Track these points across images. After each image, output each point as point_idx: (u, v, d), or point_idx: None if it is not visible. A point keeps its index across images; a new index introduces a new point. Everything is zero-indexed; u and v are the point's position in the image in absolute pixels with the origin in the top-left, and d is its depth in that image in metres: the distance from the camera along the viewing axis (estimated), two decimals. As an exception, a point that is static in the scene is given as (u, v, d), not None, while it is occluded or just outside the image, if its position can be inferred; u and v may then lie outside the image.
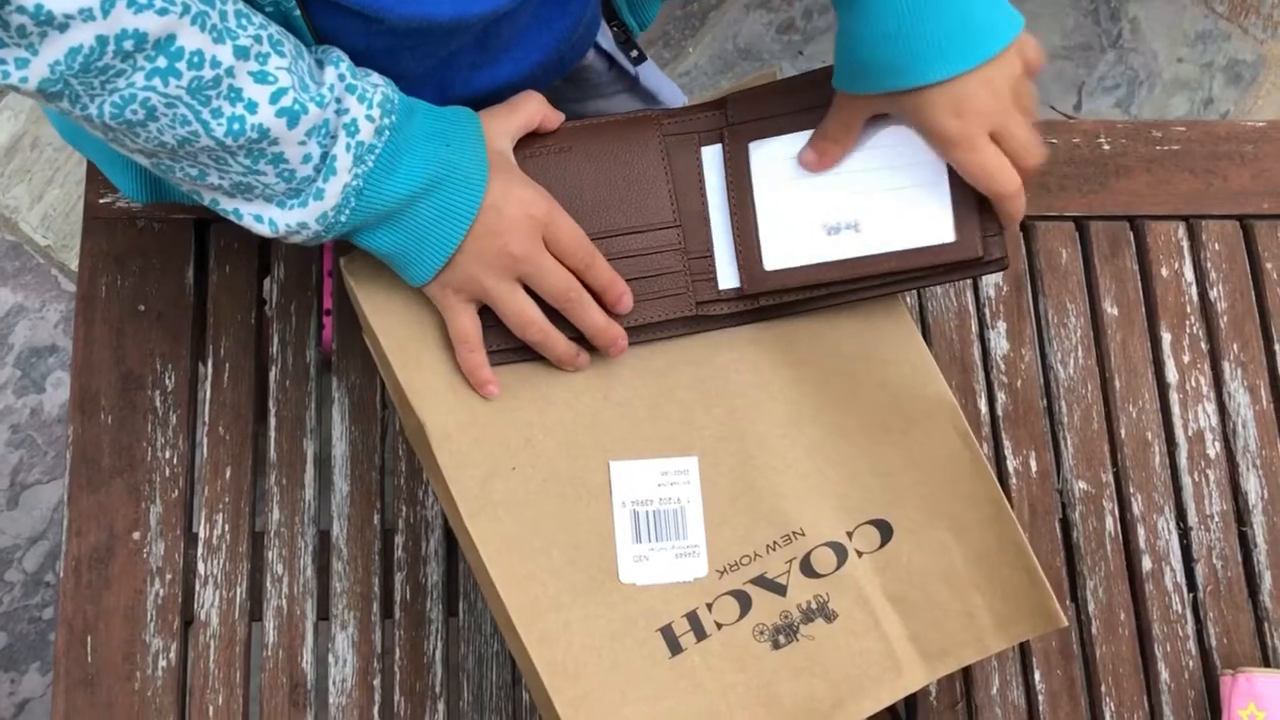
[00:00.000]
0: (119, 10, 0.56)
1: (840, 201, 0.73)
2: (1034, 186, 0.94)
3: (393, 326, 0.71)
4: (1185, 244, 0.95)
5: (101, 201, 0.86)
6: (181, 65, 0.59)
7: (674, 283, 0.74)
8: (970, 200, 0.71)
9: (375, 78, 0.66)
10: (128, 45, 0.57)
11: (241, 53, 0.60)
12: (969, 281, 0.92)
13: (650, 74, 0.98)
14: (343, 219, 0.66)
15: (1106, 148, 0.96)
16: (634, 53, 0.91)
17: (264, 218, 0.66)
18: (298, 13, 0.63)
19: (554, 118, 0.74)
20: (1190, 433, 0.91)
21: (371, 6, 0.63)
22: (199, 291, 0.86)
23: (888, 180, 0.73)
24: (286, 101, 0.62)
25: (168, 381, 0.83)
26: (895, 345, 0.75)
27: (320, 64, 0.65)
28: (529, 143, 0.74)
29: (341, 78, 0.65)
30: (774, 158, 0.74)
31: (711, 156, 0.76)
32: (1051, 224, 0.94)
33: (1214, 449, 0.91)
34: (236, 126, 0.61)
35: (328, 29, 0.64)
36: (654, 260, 0.74)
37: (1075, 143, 0.96)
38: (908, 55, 0.66)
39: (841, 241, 0.73)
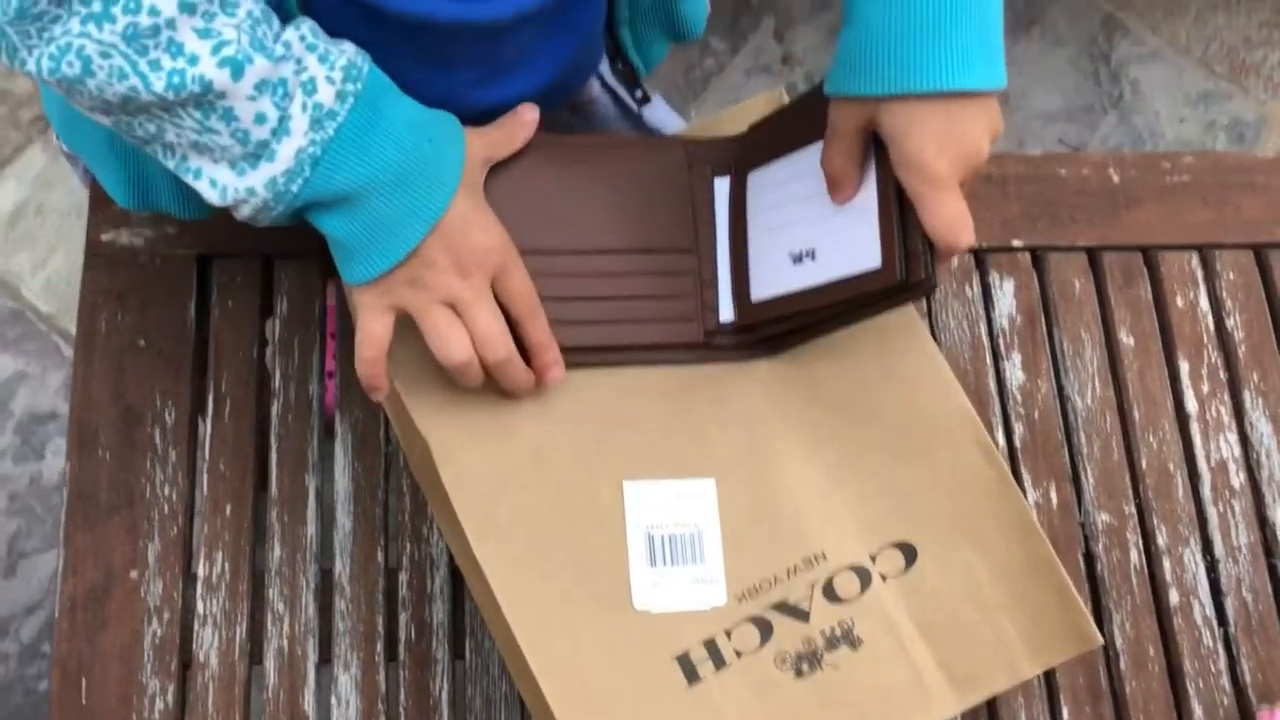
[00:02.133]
0: None
1: (803, 229, 0.71)
2: (1045, 217, 0.94)
3: (397, 347, 0.70)
4: (1200, 274, 0.94)
5: (103, 238, 0.85)
6: (116, 10, 0.57)
7: (686, 307, 0.73)
8: (893, 223, 0.67)
9: (346, 45, 0.64)
10: None
11: (187, 7, 0.58)
12: (982, 312, 0.91)
13: (658, 113, 0.97)
14: (294, 188, 0.62)
15: (1116, 179, 0.95)
16: (639, 92, 0.91)
17: (217, 182, 0.63)
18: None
19: (525, 126, 0.72)
20: (1213, 463, 0.89)
21: None
22: (200, 327, 0.84)
23: (831, 203, 0.70)
24: (229, 51, 0.59)
25: (168, 417, 0.82)
26: (914, 361, 0.73)
27: (294, 26, 0.63)
28: (552, 145, 0.73)
29: (303, 38, 0.62)
30: (764, 185, 0.74)
31: (721, 188, 0.76)
32: (1064, 255, 0.93)
33: (1238, 479, 0.89)
34: (177, 80, 0.58)
35: (325, 19, 0.63)
36: (667, 282, 0.73)
37: (1085, 174, 0.95)
38: (931, 54, 0.64)
39: (804, 270, 0.71)
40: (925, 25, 0.63)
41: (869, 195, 0.68)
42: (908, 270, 0.66)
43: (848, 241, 0.69)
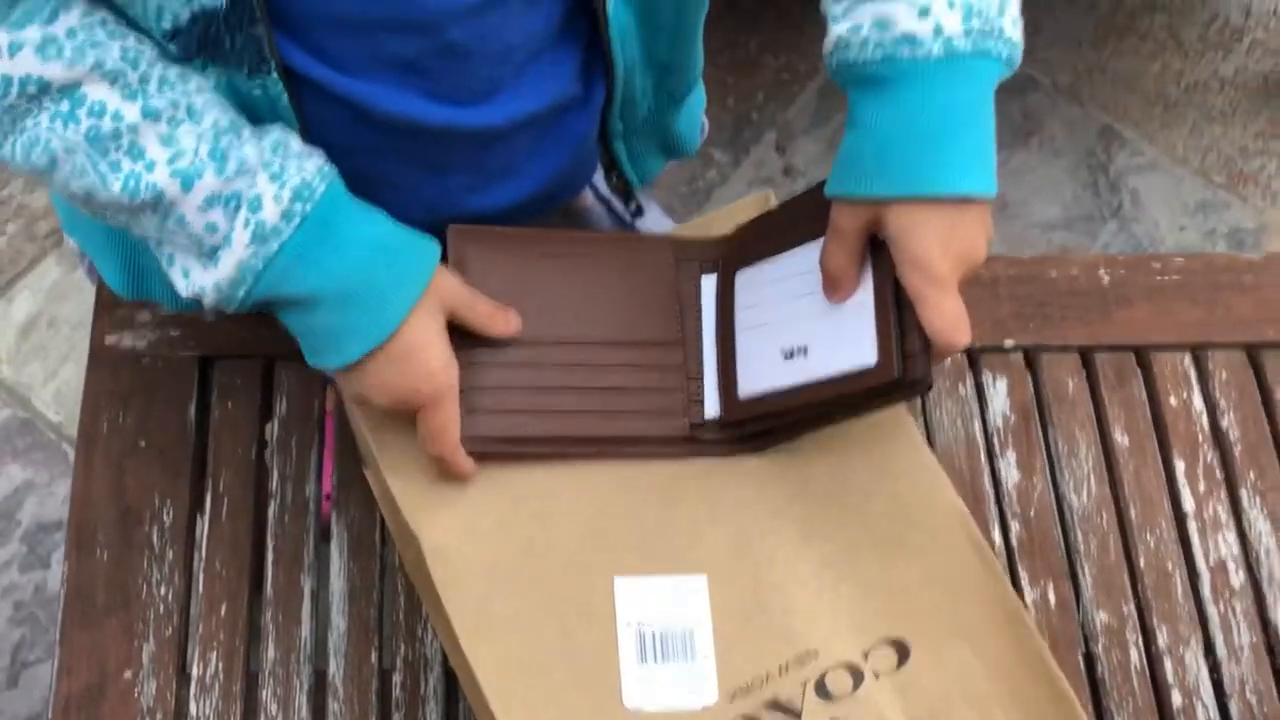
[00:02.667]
0: (25, 55, 0.59)
1: (795, 325, 0.72)
2: (1037, 318, 0.95)
3: (390, 441, 0.71)
4: (1192, 373, 0.94)
5: (107, 341, 0.86)
6: (81, 113, 0.60)
7: (671, 402, 0.74)
8: (891, 321, 0.68)
9: (310, 162, 0.66)
10: (31, 89, 0.59)
11: (151, 113, 0.61)
12: (976, 412, 0.92)
13: (651, 224, 0.99)
14: (239, 294, 0.65)
15: (1106, 279, 0.97)
16: (633, 205, 0.92)
17: (188, 272, 0.66)
18: (285, 99, 0.65)
19: (501, 324, 0.72)
20: (1212, 562, 0.89)
21: (361, 100, 0.65)
22: (200, 427, 0.85)
23: (826, 301, 0.71)
24: (183, 164, 0.62)
25: (166, 517, 0.82)
26: (904, 457, 0.74)
27: (259, 138, 0.65)
28: (540, 238, 0.74)
29: (262, 152, 0.65)
30: (753, 283, 0.75)
31: (709, 285, 0.77)
32: (1056, 354, 0.94)
33: (1238, 579, 0.89)
34: (132, 184, 0.62)
35: (315, 119, 0.65)
36: (652, 376, 0.74)
37: (1074, 274, 0.96)
38: (939, 160, 0.65)
39: (795, 366, 0.72)
40: (932, 132, 0.65)
41: (865, 293, 0.69)
42: (905, 368, 0.67)
43: (842, 339, 0.70)
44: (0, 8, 0.59)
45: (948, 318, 0.66)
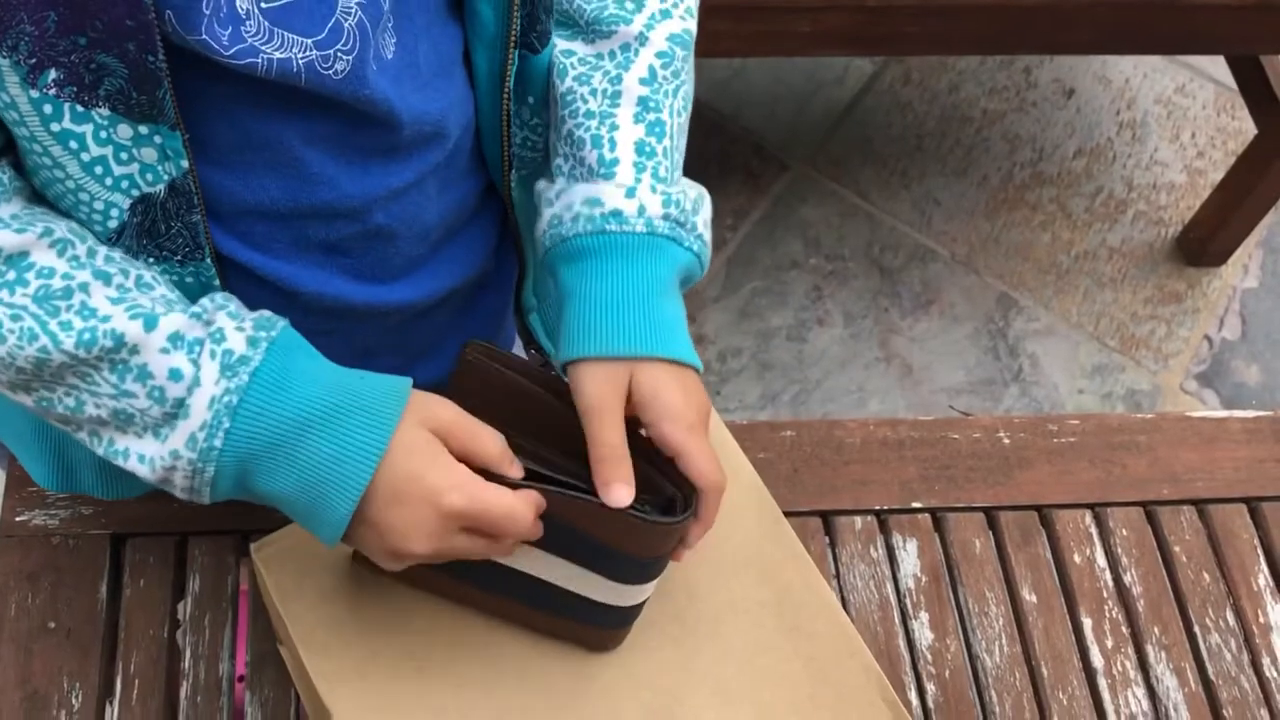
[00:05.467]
0: None
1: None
2: (942, 479, 0.97)
3: (301, 612, 0.71)
4: (1094, 531, 0.97)
5: (17, 519, 0.85)
6: (30, 275, 0.59)
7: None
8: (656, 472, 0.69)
9: (262, 309, 0.64)
10: None
11: (102, 276, 0.61)
12: (888, 574, 0.93)
13: None
14: (216, 443, 0.60)
15: (1007, 441, 1.00)
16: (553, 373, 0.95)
17: (145, 456, 0.62)
18: (217, 282, 0.66)
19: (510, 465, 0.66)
20: (1124, 718, 0.90)
21: (287, 281, 0.66)
22: (112, 606, 0.84)
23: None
24: (143, 309, 0.60)
25: (74, 701, 0.80)
26: (817, 618, 0.75)
27: (209, 297, 0.64)
28: None
29: (213, 301, 0.63)
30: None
31: None
32: (961, 515, 0.97)
33: (1149, 734, 0.90)
34: (88, 336, 0.59)
35: (244, 300, 0.67)
36: None
37: (976, 437, 1.00)
38: (653, 322, 0.69)
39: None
40: (645, 299, 0.70)
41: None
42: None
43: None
44: None
45: (712, 459, 0.68)
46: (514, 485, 0.64)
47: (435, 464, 0.62)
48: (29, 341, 0.60)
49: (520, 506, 0.63)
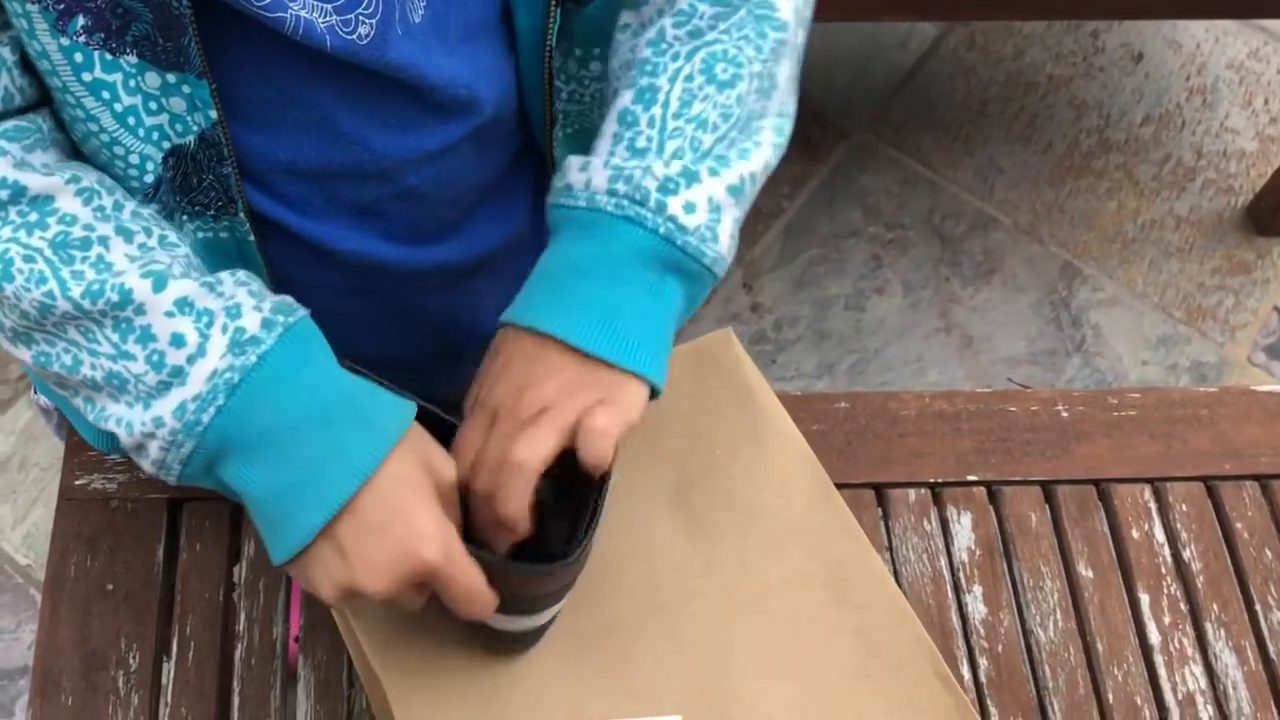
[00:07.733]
0: (2, 163, 0.58)
1: None
2: (998, 452, 0.96)
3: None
4: (1153, 506, 0.96)
5: (76, 483, 0.87)
6: (52, 220, 0.59)
7: None
8: None
9: (284, 295, 0.62)
10: (3, 195, 0.58)
11: (124, 232, 0.60)
12: (942, 547, 0.92)
13: None
14: (204, 418, 0.57)
15: (1065, 414, 0.98)
16: None
17: (125, 420, 0.59)
18: (251, 239, 0.66)
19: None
20: (1180, 696, 0.89)
21: (322, 241, 0.66)
22: (168, 570, 0.85)
23: None
24: (157, 267, 0.59)
25: (131, 661, 0.82)
26: (868, 589, 0.75)
27: (230, 271, 0.62)
28: None
29: (234, 276, 0.61)
30: None
31: None
32: (1017, 488, 0.95)
33: (1206, 713, 0.89)
34: (95, 288, 0.58)
35: (279, 258, 0.67)
36: None
37: (1034, 410, 0.98)
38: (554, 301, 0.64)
39: None
40: (555, 276, 0.65)
41: None
42: None
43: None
44: None
45: (472, 438, 0.64)
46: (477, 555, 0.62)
47: (428, 507, 0.60)
48: (36, 284, 0.58)
49: (487, 595, 0.61)
